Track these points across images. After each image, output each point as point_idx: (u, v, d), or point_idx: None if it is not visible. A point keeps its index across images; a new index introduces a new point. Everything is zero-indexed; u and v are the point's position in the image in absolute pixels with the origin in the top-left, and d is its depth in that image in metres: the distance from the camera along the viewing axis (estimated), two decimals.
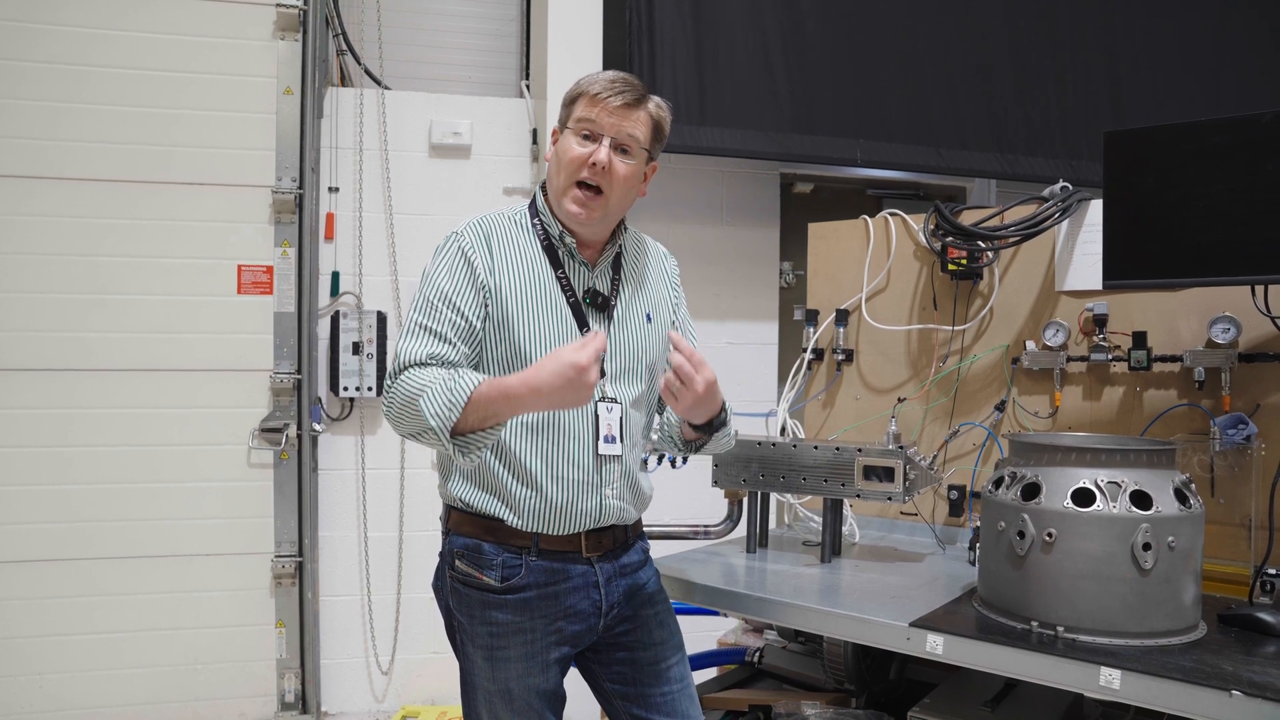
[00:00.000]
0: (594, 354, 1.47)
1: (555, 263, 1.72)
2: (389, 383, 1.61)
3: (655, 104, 1.73)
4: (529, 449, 1.67)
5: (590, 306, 1.73)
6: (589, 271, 1.75)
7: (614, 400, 1.72)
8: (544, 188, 1.78)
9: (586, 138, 1.67)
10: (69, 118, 3.41)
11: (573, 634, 1.71)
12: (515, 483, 1.66)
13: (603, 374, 1.71)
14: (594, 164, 1.65)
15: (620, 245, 1.80)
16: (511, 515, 1.66)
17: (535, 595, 1.67)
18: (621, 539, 1.78)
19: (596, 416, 1.70)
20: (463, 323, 1.65)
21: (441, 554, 1.77)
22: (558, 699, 1.75)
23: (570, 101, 1.71)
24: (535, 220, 1.75)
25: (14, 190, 3.38)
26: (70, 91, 3.41)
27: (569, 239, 1.72)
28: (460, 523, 1.71)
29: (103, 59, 3.43)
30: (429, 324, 1.64)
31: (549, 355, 1.51)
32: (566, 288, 1.72)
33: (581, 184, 1.67)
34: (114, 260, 3.46)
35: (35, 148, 3.39)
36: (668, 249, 1.96)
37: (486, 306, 1.67)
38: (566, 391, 1.48)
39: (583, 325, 1.71)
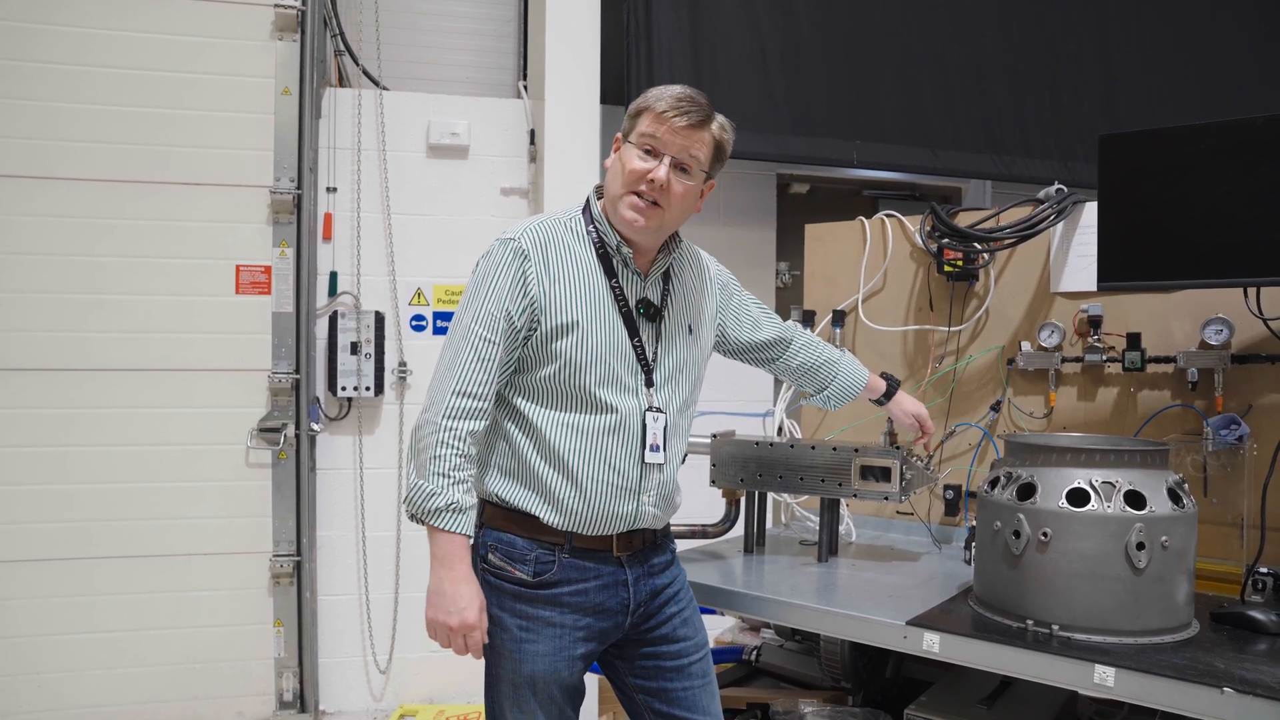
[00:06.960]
0: (477, 641, 1.65)
1: (609, 271, 1.74)
2: (423, 415, 1.65)
3: (719, 125, 1.74)
4: (576, 451, 1.69)
5: (642, 316, 1.75)
6: (642, 281, 1.77)
7: (660, 410, 1.75)
8: (597, 194, 1.80)
9: (648, 153, 1.68)
10: (67, 118, 3.40)
11: (600, 630, 1.74)
12: (558, 482, 1.69)
13: (650, 384, 1.75)
14: (652, 180, 1.67)
15: (672, 258, 1.83)
16: (549, 513, 1.69)
17: (566, 591, 1.70)
18: (651, 539, 1.81)
19: (644, 426, 1.73)
20: (505, 357, 1.67)
21: (473, 546, 1.78)
22: (578, 694, 1.79)
23: (635, 114, 1.71)
24: (590, 228, 1.76)
25: (12, 190, 3.37)
26: (68, 91, 3.40)
27: (625, 249, 1.74)
28: (494, 517, 1.74)
29: (100, 59, 3.42)
30: (472, 365, 1.65)
31: (473, 593, 1.64)
32: (620, 297, 1.73)
33: (639, 194, 1.69)
34: (112, 260, 3.45)
35: (33, 148, 3.39)
36: None
37: (534, 326, 1.68)
38: (440, 621, 1.64)
39: (633, 334, 1.73)
